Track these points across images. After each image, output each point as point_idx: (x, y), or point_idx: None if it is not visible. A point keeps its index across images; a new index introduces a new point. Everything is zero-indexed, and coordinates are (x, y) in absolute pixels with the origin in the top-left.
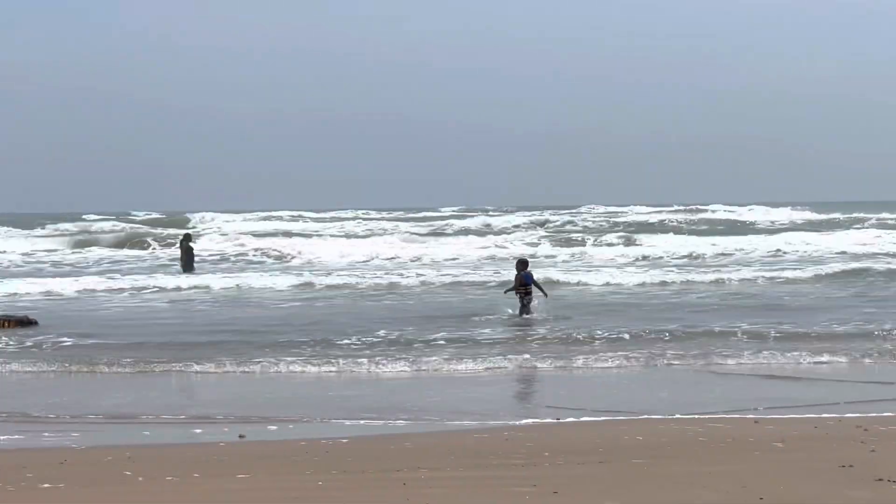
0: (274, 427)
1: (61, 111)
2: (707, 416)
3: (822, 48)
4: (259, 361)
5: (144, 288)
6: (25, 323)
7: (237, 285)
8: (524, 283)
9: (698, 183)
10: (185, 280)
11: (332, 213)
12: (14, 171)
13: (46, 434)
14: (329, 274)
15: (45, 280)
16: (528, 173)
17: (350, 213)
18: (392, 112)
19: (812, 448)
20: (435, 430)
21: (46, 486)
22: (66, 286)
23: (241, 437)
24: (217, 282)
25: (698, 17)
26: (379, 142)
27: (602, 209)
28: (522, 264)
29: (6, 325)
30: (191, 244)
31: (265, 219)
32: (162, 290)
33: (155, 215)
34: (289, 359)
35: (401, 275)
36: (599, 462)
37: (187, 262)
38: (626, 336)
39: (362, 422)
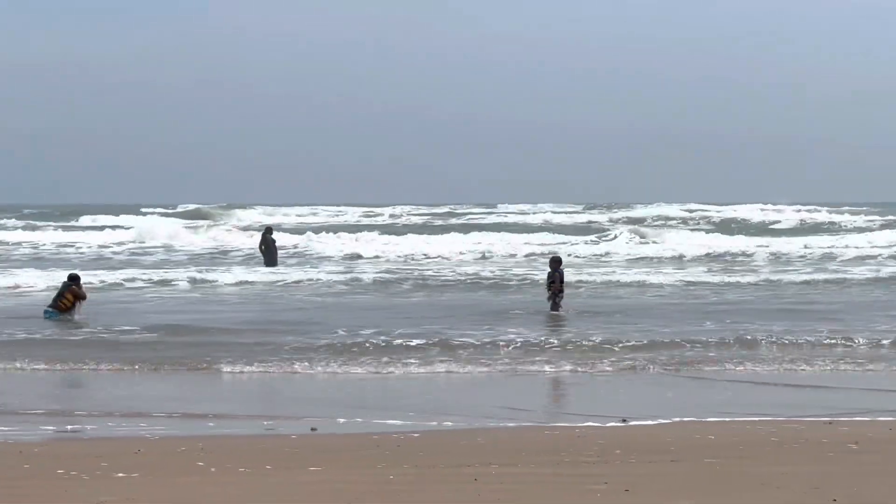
0: (344, 420)
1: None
2: (780, 418)
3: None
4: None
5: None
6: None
7: (347, 278)
8: (560, 280)
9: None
10: (266, 273)
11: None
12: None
13: (117, 424)
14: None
15: None
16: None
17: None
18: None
19: (887, 450)
20: (506, 425)
21: (121, 475)
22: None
23: (312, 430)
24: (297, 275)
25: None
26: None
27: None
28: (556, 262)
29: (67, 301)
30: (272, 237)
31: (310, 212)
32: (245, 283)
33: (192, 206)
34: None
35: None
36: (671, 461)
37: (269, 255)
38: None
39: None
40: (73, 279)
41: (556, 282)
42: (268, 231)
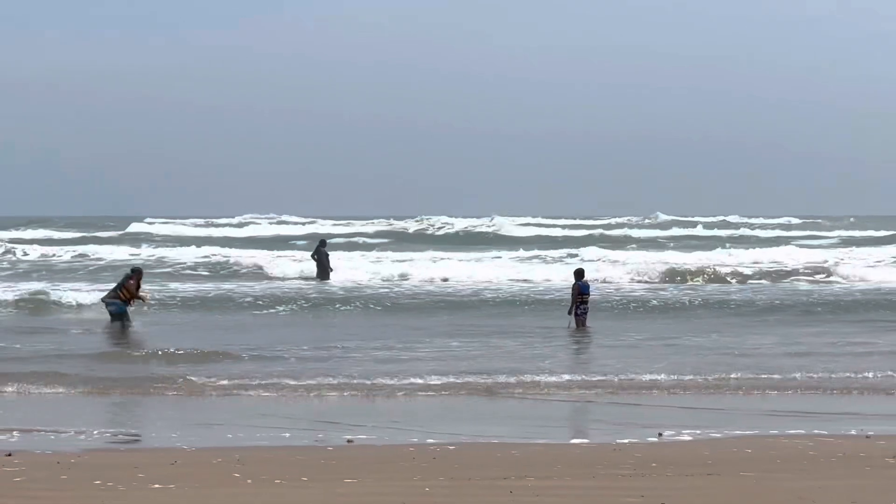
0: (381, 432)
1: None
2: (817, 432)
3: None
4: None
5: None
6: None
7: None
8: (580, 293)
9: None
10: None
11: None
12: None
13: (155, 435)
14: None
15: None
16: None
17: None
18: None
19: None
20: (542, 439)
21: (157, 486)
22: None
23: (348, 441)
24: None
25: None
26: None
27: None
28: (579, 274)
29: (126, 293)
30: (326, 250)
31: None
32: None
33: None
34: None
35: None
36: (708, 474)
37: (321, 268)
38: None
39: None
40: (136, 271)
41: (579, 293)
42: (321, 244)
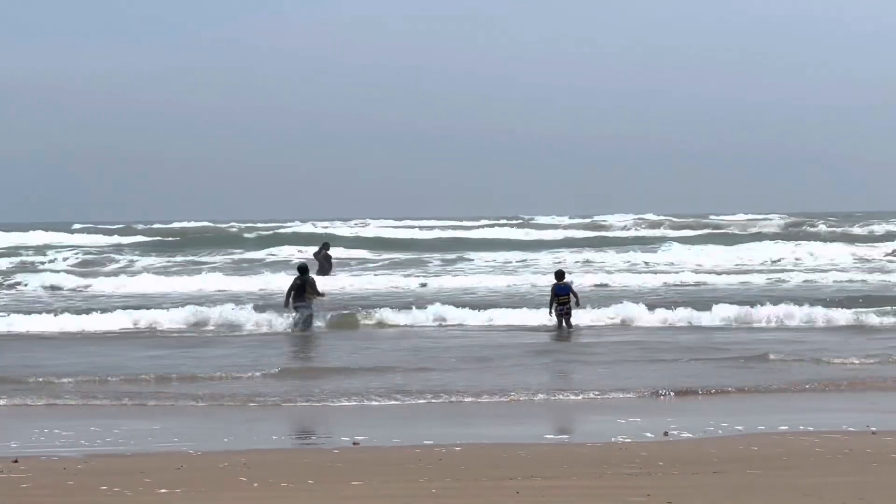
0: (387, 434)
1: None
2: (823, 428)
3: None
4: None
5: None
6: None
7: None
8: (556, 294)
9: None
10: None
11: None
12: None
13: (161, 441)
14: None
15: None
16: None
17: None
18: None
19: None
20: (548, 440)
21: (164, 491)
22: None
23: (354, 443)
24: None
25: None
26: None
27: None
28: (558, 276)
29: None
30: (329, 252)
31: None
32: None
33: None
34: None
35: None
36: (714, 472)
37: (325, 271)
38: None
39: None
40: (304, 271)
41: (555, 295)
42: (324, 247)
